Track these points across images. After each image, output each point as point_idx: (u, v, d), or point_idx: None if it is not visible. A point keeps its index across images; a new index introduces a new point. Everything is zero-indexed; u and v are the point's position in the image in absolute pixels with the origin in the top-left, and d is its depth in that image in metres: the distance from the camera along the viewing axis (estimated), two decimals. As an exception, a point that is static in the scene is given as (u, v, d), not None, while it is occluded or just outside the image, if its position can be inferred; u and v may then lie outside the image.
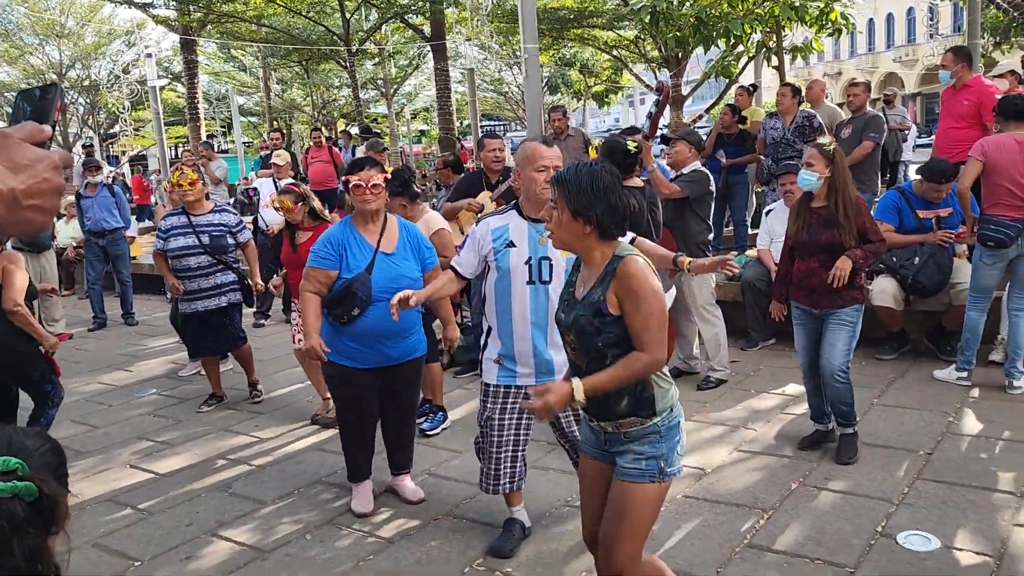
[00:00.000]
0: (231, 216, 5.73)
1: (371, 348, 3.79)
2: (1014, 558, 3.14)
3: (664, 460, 2.40)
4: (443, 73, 18.46)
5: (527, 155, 3.25)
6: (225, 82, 33.30)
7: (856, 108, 7.49)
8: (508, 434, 3.41)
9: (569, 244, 2.41)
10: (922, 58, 41.13)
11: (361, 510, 3.91)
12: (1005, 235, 4.74)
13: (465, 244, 3.39)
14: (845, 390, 4.14)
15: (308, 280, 3.77)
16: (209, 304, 5.58)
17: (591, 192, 2.31)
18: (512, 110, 38.57)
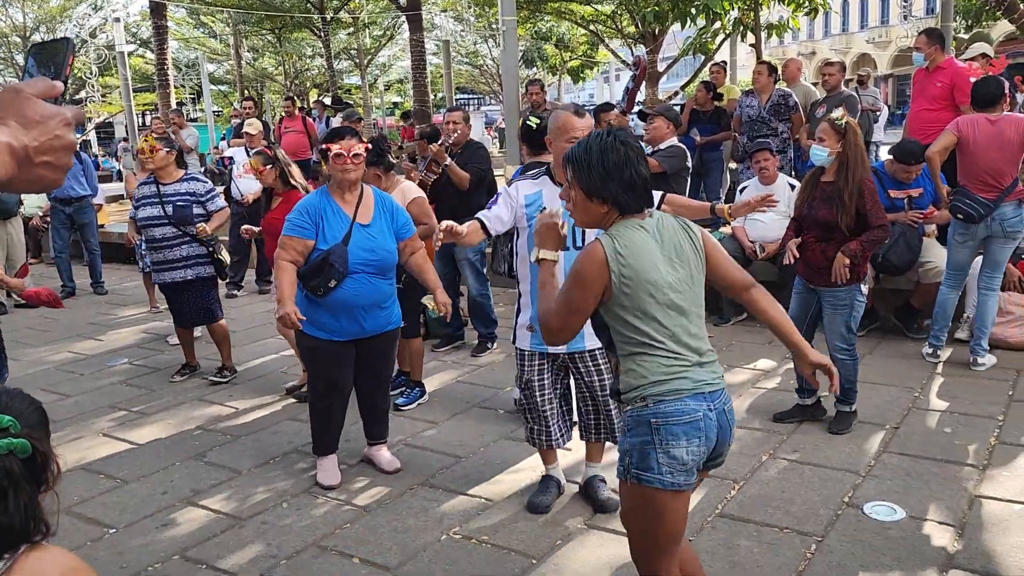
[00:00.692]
0: (200, 184, 5.54)
1: (347, 320, 3.79)
2: (976, 528, 3.24)
3: (631, 458, 2.20)
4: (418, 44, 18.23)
5: (559, 125, 3.25)
6: (195, 49, 32.70)
7: (831, 88, 7.56)
8: (548, 394, 3.51)
9: (590, 224, 2.32)
10: (895, 39, 41.47)
11: (329, 482, 3.92)
12: (975, 211, 4.82)
13: (498, 200, 3.39)
14: (846, 366, 4.22)
15: (284, 249, 3.74)
16: (175, 276, 5.46)
17: (603, 170, 2.19)
18: (487, 83, 38.31)
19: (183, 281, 5.48)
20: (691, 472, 2.19)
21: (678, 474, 2.16)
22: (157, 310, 7.85)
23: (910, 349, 5.52)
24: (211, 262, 5.54)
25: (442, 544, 3.34)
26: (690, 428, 2.16)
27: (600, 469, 3.67)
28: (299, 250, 3.70)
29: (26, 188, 0.99)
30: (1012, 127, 4.77)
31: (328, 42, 25.92)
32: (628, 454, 2.21)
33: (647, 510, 2.22)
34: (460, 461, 4.15)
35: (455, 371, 5.64)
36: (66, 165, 0.97)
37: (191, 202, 5.45)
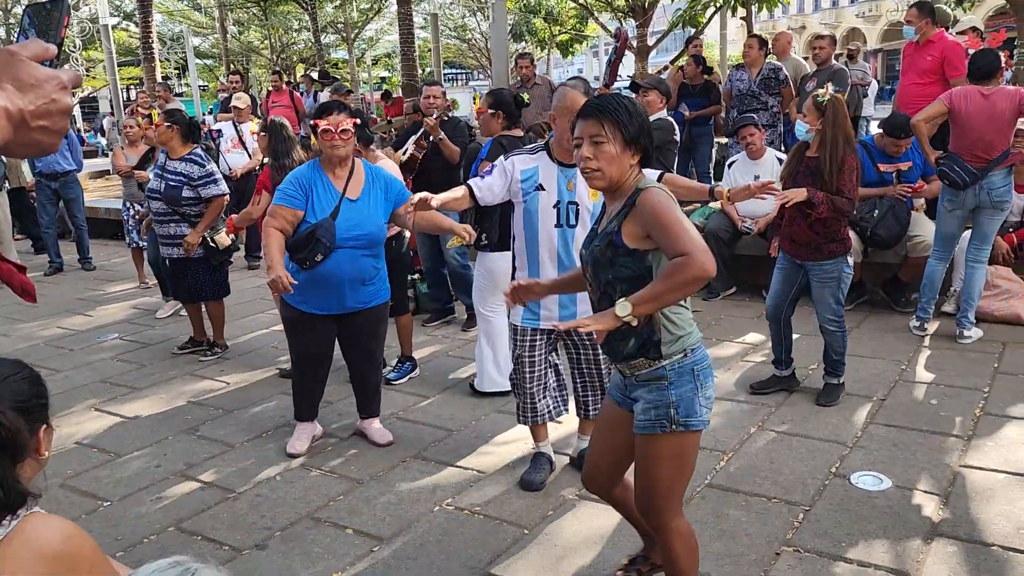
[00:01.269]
0: (195, 168, 5.36)
1: (332, 295, 3.81)
2: (960, 497, 3.30)
3: (676, 408, 2.26)
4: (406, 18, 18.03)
5: (567, 104, 3.20)
6: (180, 22, 32.22)
7: (821, 61, 7.55)
8: (538, 370, 3.49)
9: (616, 179, 2.24)
10: (885, 14, 41.31)
11: (291, 450, 3.98)
12: (961, 178, 4.84)
13: (493, 171, 3.36)
14: (835, 338, 4.28)
15: (273, 216, 3.74)
16: (167, 252, 5.51)
17: (640, 119, 2.23)
18: (475, 58, 37.99)
19: (169, 258, 5.50)
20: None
21: (709, 411, 2.35)
22: (146, 285, 7.82)
23: (898, 322, 5.57)
24: (201, 244, 5.43)
25: (435, 515, 3.38)
26: (711, 370, 2.37)
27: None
28: (288, 219, 3.71)
29: (22, 153, 0.98)
30: (1005, 99, 4.79)
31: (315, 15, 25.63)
32: (673, 406, 2.28)
33: (686, 454, 2.35)
34: (452, 434, 4.18)
35: (445, 345, 5.66)
36: (62, 129, 0.97)
37: (183, 183, 5.35)
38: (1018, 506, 3.19)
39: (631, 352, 2.29)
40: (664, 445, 2.31)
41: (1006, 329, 5.28)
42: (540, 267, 3.35)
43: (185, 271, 5.52)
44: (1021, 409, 4.09)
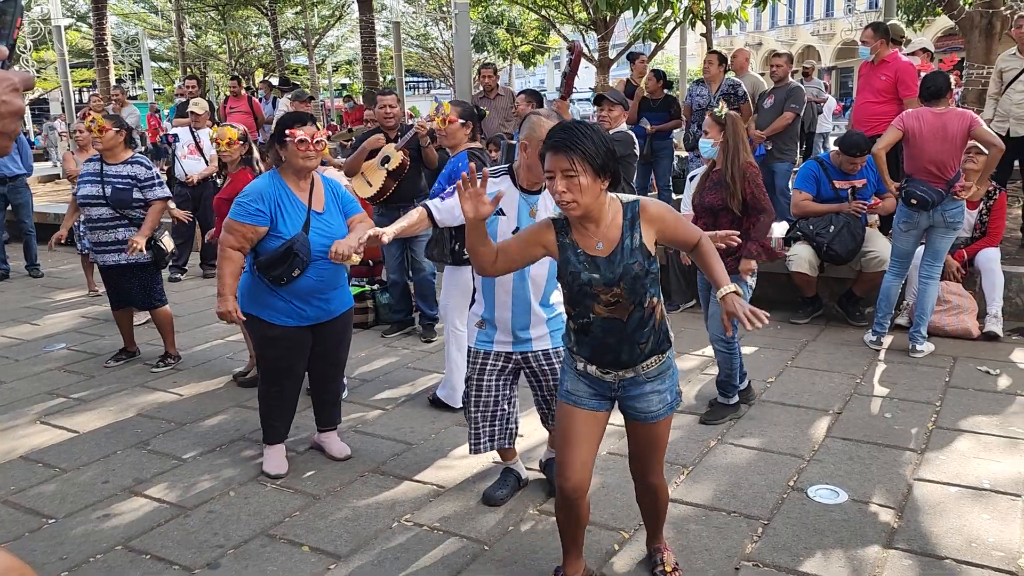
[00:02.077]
0: (142, 169, 5.30)
1: (310, 304, 3.74)
2: (914, 510, 3.34)
3: (673, 394, 2.65)
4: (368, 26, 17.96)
5: (540, 134, 3.05)
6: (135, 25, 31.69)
7: (779, 79, 7.68)
8: (487, 396, 3.39)
9: (590, 206, 2.40)
10: (840, 32, 42.28)
11: (276, 471, 3.85)
12: (929, 196, 4.94)
13: (451, 196, 3.29)
14: (724, 358, 4.28)
15: (232, 234, 3.60)
16: (110, 259, 5.32)
17: (604, 145, 2.36)
18: (437, 67, 37.99)
19: (116, 265, 5.33)
20: None
21: None
22: (96, 293, 7.64)
23: (852, 336, 5.66)
24: (149, 247, 5.33)
25: (393, 531, 3.32)
26: None
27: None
28: (248, 237, 3.60)
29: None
30: (956, 121, 4.91)
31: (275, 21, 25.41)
32: (672, 389, 2.64)
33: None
34: (411, 448, 4.13)
35: (405, 357, 5.60)
36: (13, 132, 0.92)
37: (131, 186, 5.26)
38: (969, 520, 3.25)
39: (648, 351, 2.55)
40: (669, 421, 2.69)
41: (957, 344, 5.39)
42: (496, 296, 3.29)
43: (133, 277, 5.38)
44: (971, 423, 4.18)
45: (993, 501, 3.39)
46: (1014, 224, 6.91)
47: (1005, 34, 7.70)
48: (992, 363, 5.02)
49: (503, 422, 3.48)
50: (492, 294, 3.30)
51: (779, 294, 6.28)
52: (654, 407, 2.61)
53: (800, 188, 5.95)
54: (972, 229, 5.74)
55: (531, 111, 3.32)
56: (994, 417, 4.24)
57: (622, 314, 2.48)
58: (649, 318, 2.51)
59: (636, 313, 2.49)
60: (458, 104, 4.61)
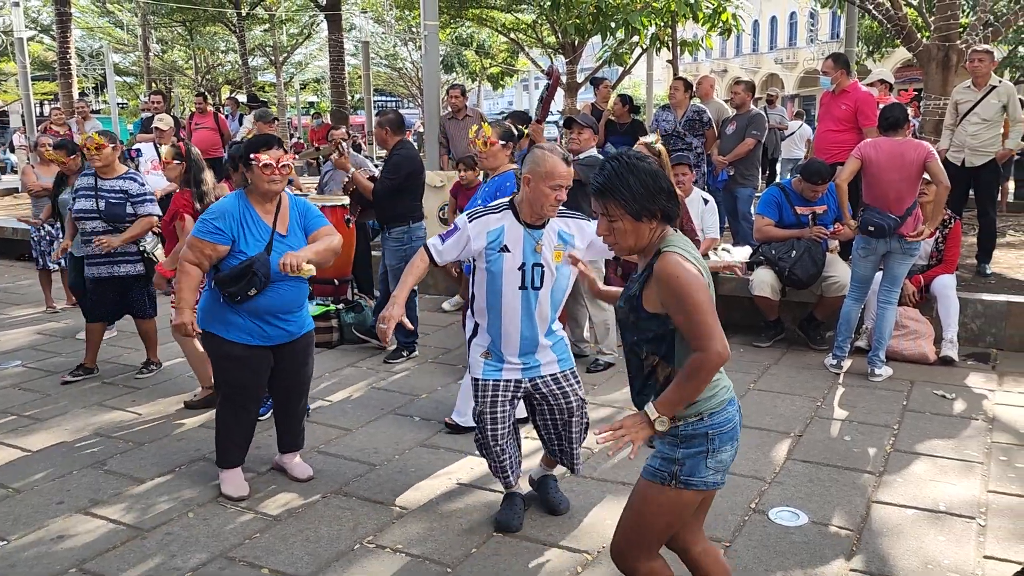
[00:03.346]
0: (134, 185, 5.34)
1: (269, 324, 3.71)
2: (873, 532, 3.39)
3: (681, 467, 2.26)
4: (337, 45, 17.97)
5: (545, 169, 3.11)
6: (100, 38, 31.34)
7: (737, 106, 7.82)
8: (501, 427, 3.37)
9: (636, 247, 2.26)
10: (802, 61, 43.22)
11: (239, 493, 3.78)
12: (886, 224, 5.06)
13: (452, 235, 3.29)
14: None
15: (191, 249, 3.58)
16: (102, 272, 5.35)
17: (643, 189, 2.18)
18: (406, 86, 38.03)
19: (110, 277, 5.36)
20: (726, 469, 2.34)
21: (719, 474, 2.31)
22: (54, 310, 7.49)
23: (813, 359, 5.74)
24: (141, 260, 5.41)
25: (355, 553, 3.29)
26: (734, 433, 2.33)
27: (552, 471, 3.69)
28: (207, 254, 3.57)
29: None
30: (912, 151, 5.05)
31: (243, 38, 25.26)
32: (679, 463, 2.27)
33: (679, 510, 2.33)
34: (375, 469, 4.10)
35: (370, 377, 5.57)
36: None
37: (124, 200, 5.30)
38: (925, 542, 3.30)
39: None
40: (661, 496, 2.31)
41: (914, 368, 5.50)
42: (502, 330, 3.30)
43: (136, 287, 5.45)
44: (928, 446, 4.26)
45: (949, 523, 3.45)
46: (969, 252, 7.08)
47: (961, 67, 7.94)
48: (948, 387, 5.13)
49: (515, 449, 3.49)
50: (499, 327, 3.29)
51: (742, 317, 6.37)
52: (649, 460, 2.36)
53: (763, 213, 6.05)
54: (928, 257, 5.87)
55: (535, 145, 3.31)
56: (950, 441, 4.32)
57: (626, 354, 2.41)
58: (649, 375, 2.32)
59: (632, 358, 2.36)
60: (498, 125, 4.64)
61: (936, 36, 8.22)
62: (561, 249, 3.28)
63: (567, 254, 3.16)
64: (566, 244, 3.30)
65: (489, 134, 4.45)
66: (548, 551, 3.28)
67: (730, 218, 7.84)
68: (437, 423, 4.65)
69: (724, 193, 7.73)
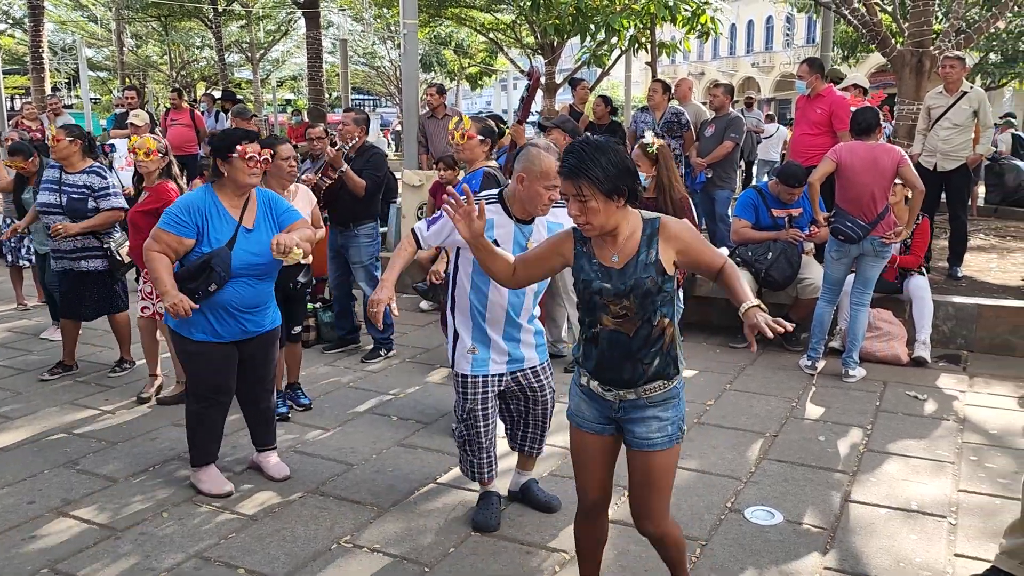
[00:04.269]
0: (98, 179, 5.26)
1: (231, 321, 3.69)
2: (845, 531, 3.43)
3: (682, 420, 2.55)
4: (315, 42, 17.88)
5: (541, 169, 3.09)
6: (73, 32, 30.93)
7: (716, 108, 7.87)
8: (490, 423, 3.39)
9: (605, 225, 2.39)
10: (778, 65, 43.61)
11: (220, 490, 3.76)
12: (854, 232, 5.15)
13: (438, 221, 3.27)
14: None
15: (156, 242, 3.54)
16: (64, 266, 5.30)
17: (613, 168, 2.32)
18: (384, 85, 37.92)
19: (76, 272, 5.29)
20: None
21: None
22: (25, 307, 7.38)
23: (788, 360, 5.80)
24: (104, 256, 5.30)
25: (332, 553, 3.27)
26: None
27: (531, 474, 3.70)
28: (173, 246, 3.54)
29: None
30: (885, 155, 5.12)
31: (219, 34, 25.08)
32: (676, 421, 2.52)
33: (678, 458, 2.61)
34: (352, 468, 4.08)
35: (347, 376, 5.54)
36: None
37: (87, 195, 5.22)
38: (897, 540, 3.35)
39: (652, 373, 2.47)
40: (675, 455, 2.55)
41: (887, 369, 5.57)
42: (488, 316, 3.30)
43: (92, 284, 5.33)
44: (900, 446, 4.31)
45: (920, 522, 3.50)
46: (940, 255, 7.19)
47: (934, 72, 8.05)
48: (920, 388, 5.20)
49: (495, 446, 3.51)
50: (485, 318, 3.29)
51: (718, 318, 6.42)
52: (653, 434, 2.49)
53: (739, 216, 6.10)
54: (898, 254, 5.95)
55: (529, 142, 3.31)
56: (922, 441, 4.39)
57: (629, 328, 2.45)
58: (658, 338, 2.45)
59: (643, 330, 2.44)
60: (478, 120, 4.63)
61: (910, 42, 8.33)
62: None
63: None
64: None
65: (468, 127, 4.45)
66: (525, 551, 3.29)
67: (707, 220, 7.89)
68: (415, 422, 4.65)
69: (702, 195, 7.78)
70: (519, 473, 3.70)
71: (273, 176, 4.56)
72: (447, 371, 4.41)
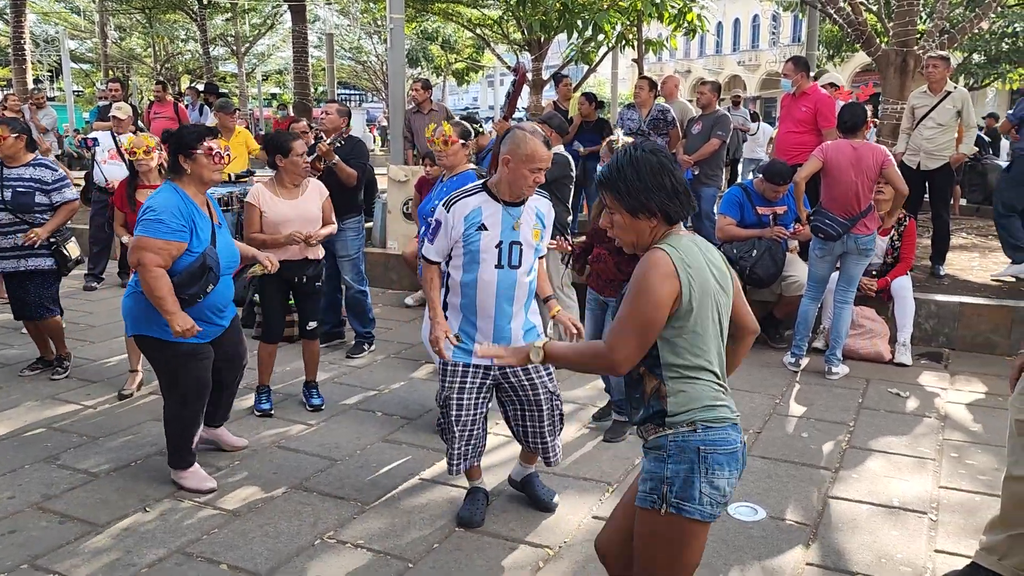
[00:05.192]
0: (48, 172, 5.11)
1: (212, 321, 3.71)
2: (828, 526, 3.45)
3: (670, 486, 2.07)
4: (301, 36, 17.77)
5: (526, 152, 3.11)
6: (55, 24, 30.60)
7: (703, 106, 7.89)
8: (467, 413, 3.35)
9: (637, 243, 2.16)
10: (764, 63, 43.79)
11: (203, 486, 3.74)
12: (834, 230, 5.19)
13: (438, 232, 3.26)
14: (618, 380, 4.33)
15: (157, 254, 3.42)
16: (8, 266, 5.10)
17: (640, 183, 2.09)
18: (370, 80, 37.77)
19: (20, 271, 5.12)
20: (725, 503, 2.13)
21: (717, 506, 2.09)
22: (5, 300, 7.29)
23: (772, 358, 5.82)
24: (51, 254, 5.14)
25: (316, 548, 3.26)
26: (732, 459, 2.11)
27: (533, 468, 3.67)
28: (173, 255, 3.47)
29: None
30: (870, 155, 5.15)
31: (204, 27, 24.89)
32: (668, 482, 2.08)
33: (681, 543, 2.11)
34: (336, 464, 4.06)
35: (331, 371, 5.52)
36: None
37: (34, 189, 5.06)
38: (879, 536, 3.37)
39: (643, 417, 2.18)
40: (658, 524, 2.10)
41: (869, 366, 5.61)
42: (477, 308, 3.28)
43: (30, 284, 5.17)
44: (882, 443, 4.34)
45: (902, 518, 3.53)
46: (923, 254, 7.24)
47: (918, 72, 8.10)
48: (902, 386, 5.24)
49: (477, 440, 3.46)
50: (474, 306, 3.28)
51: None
52: (640, 485, 2.17)
53: (725, 213, 6.12)
54: (884, 255, 5.99)
55: (514, 125, 3.33)
56: (903, 438, 4.42)
57: None
58: (637, 382, 2.18)
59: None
60: (457, 124, 4.60)
61: (895, 42, 8.37)
62: (539, 229, 3.32)
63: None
64: (542, 224, 3.35)
65: (449, 133, 4.41)
66: (510, 546, 3.29)
67: (693, 217, 7.90)
68: (399, 418, 4.63)
69: (687, 192, 7.79)
70: (521, 465, 3.68)
71: (288, 172, 4.57)
72: (432, 367, 4.40)
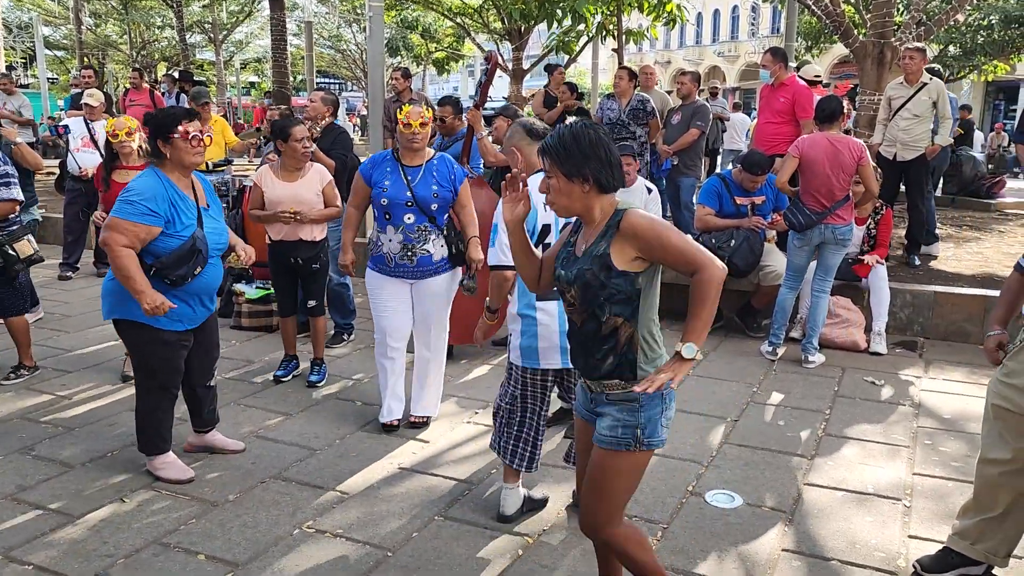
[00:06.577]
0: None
1: (198, 306, 3.68)
2: (804, 513, 3.50)
3: (642, 429, 2.36)
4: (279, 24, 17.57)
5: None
6: (29, 9, 30.10)
7: (683, 96, 7.92)
8: (529, 416, 3.35)
9: (570, 207, 2.35)
10: (743, 54, 43.92)
11: (182, 476, 3.72)
12: (799, 221, 5.28)
13: (498, 229, 3.24)
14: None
15: (123, 234, 3.38)
16: None
17: (578, 152, 2.28)
18: (349, 68, 37.49)
19: None
20: None
21: (667, 431, 2.44)
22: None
23: (750, 347, 5.87)
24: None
25: (294, 538, 3.25)
26: (672, 391, 2.41)
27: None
28: (141, 237, 3.43)
29: None
30: (847, 149, 5.20)
31: (180, 13, 24.56)
32: (640, 427, 2.36)
33: (641, 469, 2.45)
34: (315, 453, 4.06)
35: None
36: None
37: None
38: (853, 523, 3.42)
39: (606, 371, 2.37)
40: (624, 461, 2.39)
41: (845, 355, 5.67)
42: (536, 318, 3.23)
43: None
44: (857, 430, 4.40)
45: (876, 505, 3.58)
46: (899, 243, 7.31)
47: (895, 63, 8.16)
48: (877, 374, 5.30)
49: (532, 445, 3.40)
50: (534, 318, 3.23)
51: (682, 305, 6.44)
52: (605, 431, 2.39)
53: (703, 203, 6.15)
54: (861, 243, 6.04)
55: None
56: (878, 425, 4.47)
57: (577, 319, 2.41)
58: (608, 336, 2.34)
59: (590, 324, 2.36)
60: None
61: (872, 33, 8.43)
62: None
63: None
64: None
65: (428, 114, 4.27)
66: (489, 534, 3.30)
67: (672, 207, 7.94)
68: (378, 407, 4.62)
69: (667, 182, 7.82)
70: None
71: (288, 157, 4.55)
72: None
